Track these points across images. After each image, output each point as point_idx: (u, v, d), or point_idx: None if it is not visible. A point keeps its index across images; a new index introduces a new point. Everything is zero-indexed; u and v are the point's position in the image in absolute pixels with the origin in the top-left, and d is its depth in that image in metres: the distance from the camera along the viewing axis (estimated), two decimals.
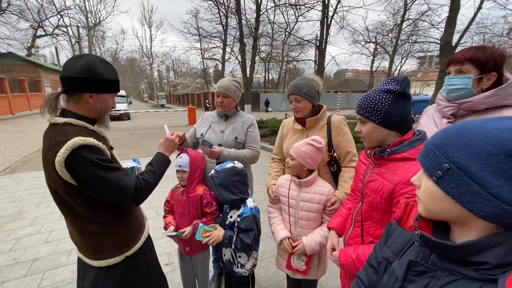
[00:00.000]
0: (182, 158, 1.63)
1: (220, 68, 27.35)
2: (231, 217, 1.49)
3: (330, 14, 13.54)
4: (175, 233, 1.54)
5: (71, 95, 1.03)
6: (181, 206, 1.64)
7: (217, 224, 1.56)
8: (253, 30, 14.32)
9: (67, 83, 1.01)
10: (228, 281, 1.70)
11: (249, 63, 14.13)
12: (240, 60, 14.28)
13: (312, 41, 15.31)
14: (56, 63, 28.16)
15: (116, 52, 35.49)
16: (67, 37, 24.34)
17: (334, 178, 1.59)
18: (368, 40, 21.79)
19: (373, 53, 25.50)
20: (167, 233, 1.56)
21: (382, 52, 23.53)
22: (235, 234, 1.45)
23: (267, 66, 32.85)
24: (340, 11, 14.26)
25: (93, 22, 26.80)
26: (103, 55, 34.77)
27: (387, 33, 19.54)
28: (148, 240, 1.31)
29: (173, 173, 1.68)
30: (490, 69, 1.12)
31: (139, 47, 40.27)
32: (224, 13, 20.81)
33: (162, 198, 1.99)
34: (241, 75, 14.67)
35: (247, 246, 1.39)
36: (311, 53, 26.35)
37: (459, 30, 10.63)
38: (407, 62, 24.16)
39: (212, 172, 1.49)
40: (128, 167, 1.38)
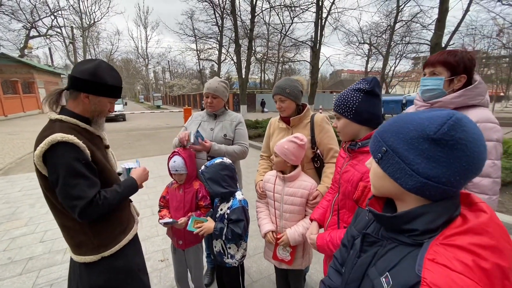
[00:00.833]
0: (177, 162, 1.66)
1: (216, 69, 27.38)
2: (221, 209, 1.57)
3: (324, 15, 13.71)
4: (171, 220, 1.60)
5: (71, 93, 1.10)
6: (177, 200, 1.71)
7: (208, 216, 1.63)
8: (248, 31, 14.42)
9: (70, 82, 1.08)
10: (219, 273, 1.77)
11: (245, 64, 14.23)
12: (236, 61, 14.35)
13: (306, 42, 15.48)
14: (50, 64, 27.94)
15: (111, 53, 35.25)
16: (61, 38, 24.16)
17: (318, 174, 1.68)
18: (362, 41, 22.08)
19: (367, 54, 25.81)
20: (163, 221, 1.62)
21: (376, 53, 23.84)
22: (226, 225, 1.52)
23: (263, 66, 33.00)
24: (334, 12, 14.42)
25: (88, 23, 26.61)
26: (97, 56, 34.53)
27: (380, 34, 19.83)
28: (133, 244, 1.29)
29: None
30: (460, 72, 1.21)
31: (134, 48, 40.10)
32: (220, 14, 20.88)
33: (157, 197, 2.06)
34: (237, 76, 14.75)
35: (237, 236, 1.47)
36: (306, 54, 26.57)
37: (450, 31, 10.87)
38: (401, 63, 24.54)
39: (202, 168, 1.56)
40: (126, 168, 1.40)
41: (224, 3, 17.75)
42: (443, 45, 10.02)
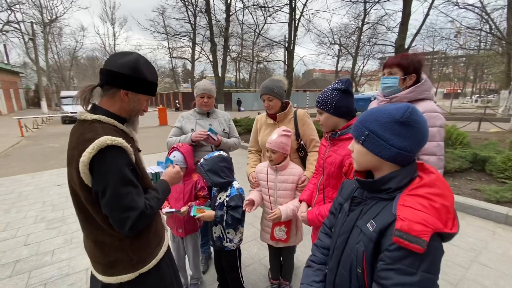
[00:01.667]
0: (177, 157, 1.81)
1: (189, 67, 26.92)
2: (220, 198, 1.74)
3: (297, 16, 14.19)
4: (174, 210, 1.74)
5: (107, 89, 0.99)
6: (177, 191, 1.86)
7: (207, 206, 1.79)
8: (223, 30, 14.47)
9: (106, 77, 0.97)
10: (217, 257, 1.94)
11: (221, 63, 14.26)
12: (212, 59, 14.34)
13: (281, 42, 15.89)
14: (7, 62, 25.46)
15: (75, 50, 33.03)
16: (20, 34, 22.16)
17: (303, 162, 1.93)
18: (333, 42, 23.05)
19: (338, 54, 26.99)
20: (165, 210, 1.75)
21: (346, 53, 25.03)
22: (225, 212, 1.69)
23: (237, 65, 33.06)
24: (307, 14, 14.98)
25: (49, 18, 24.67)
26: (59, 53, 32.19)
27: (349, 36, 20.91)
28: (166, 255, 1.19)
29: None
30: (411, 72, 1.50)
31: (101, 45, 37.75)
32: (193, 12, 20.61)
33: None
34: (213, 74, 14.73)
35: (237, 221, 1.65)
36: (280, 53, 27.14)
37: (413, 33, 11.84)
38: (369, 62, 26.07)
39: (202, 160, 1.72)
40: (152, 172, 1.34)
41: (196, 1, 17.59)
42: (406, 47, 10.93)
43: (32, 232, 3.07)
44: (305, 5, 14.29)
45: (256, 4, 15.09)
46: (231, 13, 14.18)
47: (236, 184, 1.73)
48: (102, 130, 0.91)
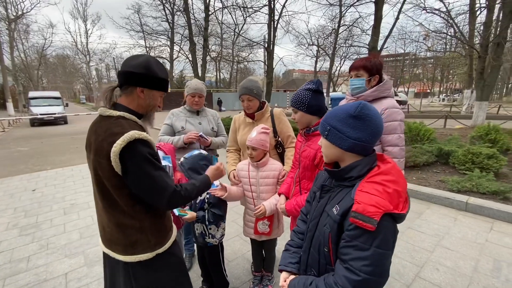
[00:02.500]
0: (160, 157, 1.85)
1: (168, 67, 26.34)
2: (201, 196, 1.79)
3: (276, 17, 14.41)
4: None
5: (125, 88, 1.10)
6: None
7: (187, 208, 1.82)
8: (202, 30, 14.36)
9: (123, 77, 1.08)
10: (201, 253, 1.99)
11: (200, 63, 14.15)
12: (191, 59, 14.17)
13: (260, 43, 16.05)
14: None
15: (44, 49, 31.07)
16: None
17: (281, 158, 2.03)
18: (311, 43, 23.65)
19: (316, 55, 27.69)
20: None
21: (323, 54, 25.75)
22: (206, 211, 1.75)
23: (218, 65, 32.87)
24: (285, 15, 15.26)
25: (14, 14, 22.99)
26: (26, 51, 30.17)
27: (327, 37, 21.55)
28: (177, 239, 1.33)
29: None
30: (374, 73, 1.66)
31: (72, 42, 35.78)
32: (170, 10, 20.22)
33: None
34: (192, 74, 14.57)
35: (218, 217, 1.71)
36: (260, 53, 27.37)
37: (385, 36, 12.48)
38: (345, 63, 26.95)
39: (182, 159, 1.76)
40: None
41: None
42: (378, 48, 11.51)
43: (4, 239, 2.92)
44: (283, 6, 14.57)
45: (235, 4, 15.16)
46: (210, 12, 14.11)
47: (216, 181, 1.79)
48: (128, 126, 1.02)
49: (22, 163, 6.53)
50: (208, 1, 13.63)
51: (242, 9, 15.28)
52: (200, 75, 14.06)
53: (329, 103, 16.63)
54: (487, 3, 10.09)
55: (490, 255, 2.46)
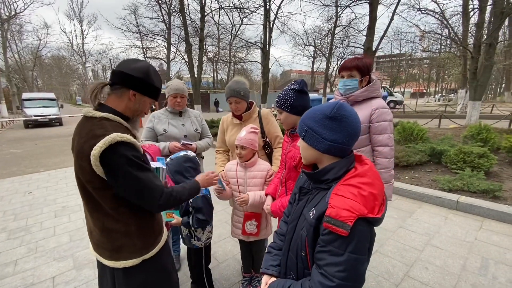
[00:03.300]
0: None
1: (165, 68, 26.23)
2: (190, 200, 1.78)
3: (271, 18, 14.43)
4: None
5: (116, 89, 1.07)
6: None
7: (175, 212, 1.80)
8: (199, 30, 14.32)
9: (118, 77, 1.06)
10: (188, 253, 1.98)
11: (197, 63, 14.10)
12: (187, 60, 14.12)
13: (256, 44, 16.06)
14: None
15: (39, 49, 30.77)
16: None
17: (269, 158, 2.02)
18: (308, 44, 23.72)
19: (313, 55, 27.79)
20: None
21: (320, 54, 25.85)
22: (190, 217, 1.72)
23: (215, 66, 32.82)
24: (281, 16, 15.28)
25: (8, 14, 22.72)
26: (20, 52, 29.82)
27: (323, 38, 21.66)
28: (166, 245, 1.28)
29: None
30: (365, 73, 1.67)
31: (67, 43, 35.45)
32: (167, 11, 20.15)
33: None
34: (189, 75, 14.52)
35: (202, 222, 1.69)
36: (257, 54, 27.34)
37: (380, 36, 12.53)
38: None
39: (167, 160, 1.74)
40: (153, 168, 1.36)
41: (170, 0, 17.24)
42: (373, 49, 11.56)
43: None
44: (279, 7, 14.59)
45: (232, 5, 15.14)
46: (206, 13, 14.08)
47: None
48: (111, 128, 0.99)
49: (15, 165, 6.46)
50: (204, 2, 13.60)
51: (238, 10, 15.26)
52: (196, 76, 14.02)
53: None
54: (479, 4, 10.19)
55: (478, 253, 2.47)
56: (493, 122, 7.42)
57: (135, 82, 1.06)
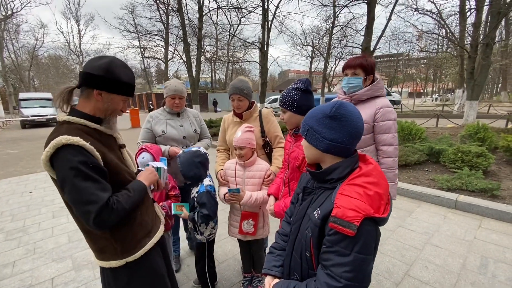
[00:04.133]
0: (146, 158, 1.83)
1: (162, 68, 26.14)
2: (192, 193, 1.81)
3: (270, 18, 14.41)
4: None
5: (81, 90, 1.04)
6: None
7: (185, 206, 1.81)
8: (197, 30, 14.28)
9: (82, 78, 1.02)
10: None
11: (195, 63, 14.06)
12: (185, 59, 14.07)
13: (255, 43, 16.02)
14: None
15: (35, 49, 30.50)
16: None
17: (269, 158, 2.02)
18: (306, 43, 23.72)
19: (311, 55, 27.79)
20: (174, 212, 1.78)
21: (318, 54, 25.85)
22: (195, 213, 1.74)
23: (213, 66, 32.77)
24: (279, 15, 15.26)
25: (3, 14, 22.50)
26: (17, 52, 29.57)
27: (321, 37, 21.65)
28: (159, 245, 1.24)
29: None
30: (370, 72, 1.67)
31: (64, 43, 35.19)
32: (164, 11, 20.08)
33: None
34: (187, 75, 14.48)
35: (205, 217, 1.70)
36: (255, 54, 27.31)
37: (378, 36, 12.57)
38: (340, 63, 27.12)
39: (180, 152, 1.81)
40: (154, 167, 1.34)
41: (168, 0, 17.18)
42: (371, 49, 11.60)
43: None
44: (277, 7, 14.57)
45: (230, 4, 15.11)
46: (204, 13, 14.03)
47: (206, 181, 1.78)
48: (65, 131, 0.94)
49: (12, 165, 6.41)
50: (202, 2, 13.55)
51: (236, 9, 15.21)
52: (194, 75, 13.98)
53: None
54: (476, 4, 10.25)
55: (477, 252, 2.49)
56: (490, 122, 7.48)
57: (96, 80, 1.01)
